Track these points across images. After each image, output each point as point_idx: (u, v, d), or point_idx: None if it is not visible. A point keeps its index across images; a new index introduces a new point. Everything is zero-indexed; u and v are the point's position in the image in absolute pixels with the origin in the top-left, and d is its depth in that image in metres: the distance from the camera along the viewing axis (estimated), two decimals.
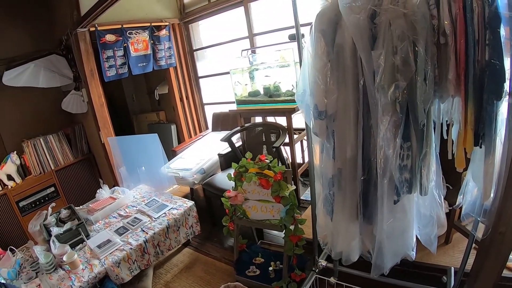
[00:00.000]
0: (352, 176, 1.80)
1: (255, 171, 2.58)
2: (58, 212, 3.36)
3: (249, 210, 2.73)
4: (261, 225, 2.75)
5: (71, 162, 4.77)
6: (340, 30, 1.59)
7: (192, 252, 3.47)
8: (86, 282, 2.54)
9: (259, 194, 2.64)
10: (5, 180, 4.30)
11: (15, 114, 4.67)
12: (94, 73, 4.09)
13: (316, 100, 1.73)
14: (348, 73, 1.62)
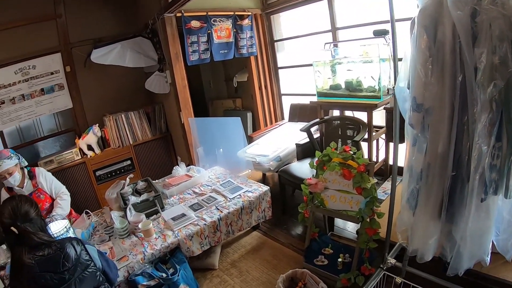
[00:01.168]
0: (440, 171, 1.85)
1: (339, 161, 2.66)
2: (135, 183, 3.64)
3: (327, 199, 2.82)
4: (337, 215, 2.82)
5: (148, 139, 5.12)
6: (441, 27, 1.65)
7: (260, 236, 3.62)
8: (158, 250, 2.76)
9: (339, 184, 2.72)
10: (85, 150, 4.72)
11: (99, 90, 5.09)
12: (179, 56, 4.33)
13: (415, 93, 1.80)
14: (447, 69, 1.68)
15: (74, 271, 1.91)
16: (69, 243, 1.98)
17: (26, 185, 3.46)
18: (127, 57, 4.58)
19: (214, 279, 3.11)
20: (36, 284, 1.82)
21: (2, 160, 3.25)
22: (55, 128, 5.30)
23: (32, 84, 4.76)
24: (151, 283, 2.61)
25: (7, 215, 1.93)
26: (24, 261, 1.83)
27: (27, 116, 4.83)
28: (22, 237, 1.90)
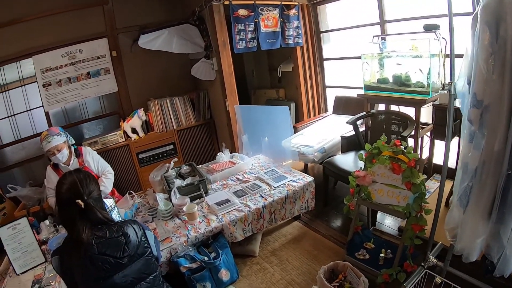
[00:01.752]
0: (495, 169, 1.88)
1: (389, 155, 2.68)
2: (179, 167, 3.78)
3: (374, 193, 2.85)
4: (384, 209, 2.84)
5: (192, 124, 5.27)
6: (503, 24, 1.68)
7: (301, 226, 3.70)
8: (202, 234, 2.87)
9: (387, 178, 2.74)
10: (129, 132, 4.91)
11: (143, 76, 5.29)
12: (226, 43, 4.41)
13: (476, 89, 1.83)
14: (508, 67, 1.70)
15: (133, 257, 1.93)
16: (131, 227, 1.97)
17: (73, 162, 3.67)
18: (174, 43, 4.71)
19: (254, 266, 3.21)
20: (92, 264, 1.81)
21: (52, 137, 3.45)
22: (100, 110, 5.49)
23: (78, 68, 4.98)
24: (193, 266, 2.72)
25: (74, 187, 1.86)
26: (82, 238, 1.80)
27: (73, 98, 5.05)
28: (86, 212, 1.84)
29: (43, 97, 4.99)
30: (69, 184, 1.88)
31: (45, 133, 3.52)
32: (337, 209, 3.92)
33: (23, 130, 5.28)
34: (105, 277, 1.84)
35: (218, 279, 2.83)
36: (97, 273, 1.83)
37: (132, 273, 1.92)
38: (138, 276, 1.96)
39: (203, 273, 2.73)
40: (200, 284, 2.74)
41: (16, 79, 5.04)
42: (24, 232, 2.97)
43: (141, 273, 1.97)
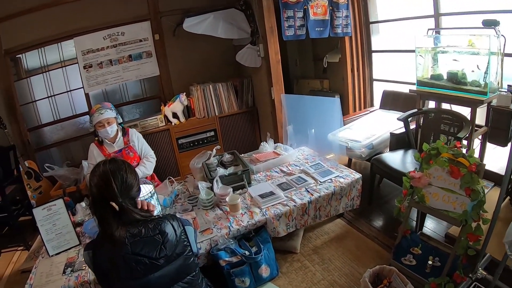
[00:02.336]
0: None
1: (448, 157, 2.56)
2: (221, 155, 3.73)
3: (428, 196, 2.72)
4: (437, 214, 2.71)
5: (234, 112, 5.23)
6: None
7: (344, 225, 3.60)
8: (244, 227, 2.81)
9: (444, 182, 2.60)
10: (170, 117, 4.91)
11: (186, 60, 5.28)
12: (274, 30, 4.32)
13: None
14: None
15: (171, 257, 1.82)
16: (169, 224, 1.86)
17: (118, 140, 3.78)
18: (220, 28, 4.66)
19: (294, 263, 3.14)
20: (126, 264, 1.73)
21: (105, 109, 3.56)
22: (140, 94, 5.54)
23: (120, 50, 5.02)
24: (233, 260, 2.67)
25: (107, 183, 1.76)
26: (115, 237, 1.73)
27: (113, 80, 5.11)
28: (120, 213, 1.77)
29: (84, 79, 5.05)
30: (101, 177, 1.79)
31: (97, 106, 3.62)
32: (381, 208, 3.81)
33: (62, 110, 5.38)
34: (139, 278, 1.77)
35: (257, 274, 2.78)
36: (130, 274, 1.75)
37: (169, 273, 1.84)
38: (176, 276, 1.88)
39: (243, 268, 2.68)
40: (239, 279, 2.69)
41: (57, 60, 5.14)
42: (59, 213, 2.98)
43: (179, 273, 1.89)
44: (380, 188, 4.22)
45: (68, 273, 2.64)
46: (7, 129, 4.84)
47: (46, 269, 2.79)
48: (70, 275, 2.61)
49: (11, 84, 5.02)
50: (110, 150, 3.75)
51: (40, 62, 5.14)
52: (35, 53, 5.07)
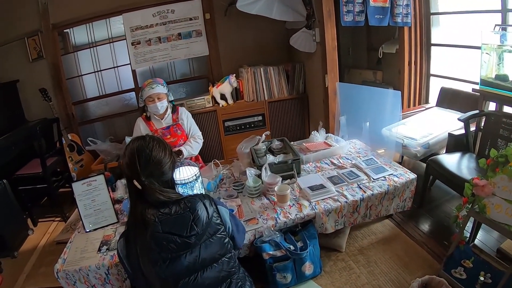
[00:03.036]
0: None
1: None
2: (269, 141, 3.60)
3: (490, 207, 2.51)
4: (498, 227, 2.51)
5: (284, 97, 5.09)
6: None
7: (393, 226, 3.42)
8: (292, 220, 2.67)
9: (510, 194, 2.39)
10: (217, 98, 4.85)
11: (236, 41, 5.18)
12: (332, 14, 4.13)
13: None
14: None
15: (202, 236, 1.76)
16: (201, 202, 1.80)
17: (167, 117, 3.74)
18: (275, 9, 4.48)
19: (338, 262, 3.00)
20: (157, 245, 1.68)
21: (157, 84, 3.52)
22: (188, 73, 5.51)
23: (169, 28, 4.99)
24: (277, 254, 2.56)
25: (131, 160, 1.72)
26: (146, 216, 1.69)
27: (161, 58, 5.10)
28: (143, 193, 1.71)
29: (131, 55, 5.06)
30: (128, 156, 1.75)
31: (149, 80, 3.59)
32: (431, 213, 3.60)
33: (108, 86, 5.43)
34: (172, 259, 1.71)
35: (300, 271, 2.66)
36: (163, 255, 1.70)
37: (202, 253, 1.77)
38: (210, 257, 1.80)
39: (286, 264, 2.58)
40: (281, 274, 2.59)
41: (104, 37, 5.19)
42: (99, 189, 2.95)
43: (213, 254, 1.81)
44: (430, 191, 3.99)
45: (103, 251, 2.61)
46: (52, 102, 4.88)
47: (81, 244, 2.78)
48: (105, 254, 2.58)
49: (58, 58, 5.10)
50: (158, 126, 3.72)
51: (88, 38, 5.19)
52: (83, 29, 5.12)
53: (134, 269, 1.78)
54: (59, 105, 5.23)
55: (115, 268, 2.48)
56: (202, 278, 1.77)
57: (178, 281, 1.74)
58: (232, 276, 1.90)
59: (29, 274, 3.66)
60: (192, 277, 1.76)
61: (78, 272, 2.52)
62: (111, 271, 2.50)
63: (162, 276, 1.71)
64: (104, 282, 2.55)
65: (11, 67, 5.11)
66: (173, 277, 1.72)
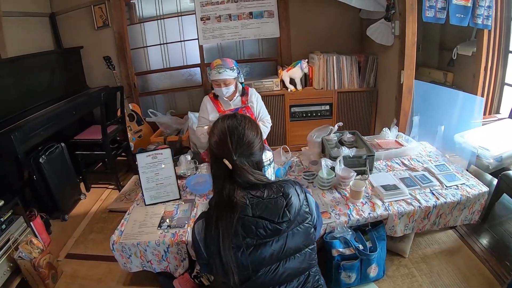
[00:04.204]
0: None
1: None
2: (341, 133, 3.49)
3: None
4: None
5: (353, 89, 4.94)
6: None
7: (456, 238, 3.28)
8: (364, 218, 2.58)
9: None
10: (286, 82, 4.77)
11: (309, 26, 5.07)
12: (414, 8, 3.96)
13: None
14: None
15: (292, 223, 1.68)
16: (293, 188, 1.71)
17: (235, 99, 3.58)
18: None
19: (401, 268, 2.90)
20: (244, 229, 1.61)
21: (225, 69, 3.30)
22: (257, 54, 5.45)
23: (241, 6, 4.93)
24: (346, 252, 2.49)
25: (223, 139, 1.67)
26: (235, 198, 1.60)
27: (230, 36, 5.06)
28: (233, 173, 1.64)
29: (200, 30, 5.05)
30: (218, 134, 1.70)
31: (218, 62, 3.39)
32: (495, 230, 3.40)
33: (173, 59, 5.48)
34: (257, 245, 1.63)
35: (365, 272, 2.58)
36: (248, 240, 1.62)
37: (288, 242, 1.68)
38: (295, 246, 1.72)
39: (354, 263, 2.50)
40: (346, 273, 2.52)
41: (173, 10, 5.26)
42: (164, 163, 2.94)
43: (298, 243, 1.73)
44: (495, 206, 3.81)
45: (164, 228, 2.61)
46: (116, 70, 4.93)
47: (140, 218, 2.79)
48: (166, 231, 2.58)
49: (124, 28, 5.19)
50: (226, 107, 3.60)
51: (156, 11, 5.27)
52: (151, 1, 5.20)
53: (210, 254, 1.69)
54: (122, 74, 5.33)
55: (175, 246, 2.49)
56: (283, 268, 1.70)
57: (259, 269, 1.66)
58: (311, 268, 1.83)
59: (78, 239, 3.75)
60: (274, 266, 1.68)
61: (136, 247, 2.54)
62: (171, 249, 2.50)
63: (244, 263, 1.62)
64: (161, 260, 2.57)
65: (76, 33, 5.25)
66: (254, 264, 1.65)
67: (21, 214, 3.21)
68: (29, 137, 3.67)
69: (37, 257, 2.89)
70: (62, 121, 4.22)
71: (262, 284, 1.68)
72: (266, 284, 1.69)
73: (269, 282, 1.68)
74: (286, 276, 1.72)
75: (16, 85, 4.08)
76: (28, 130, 3.66)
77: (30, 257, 2.86)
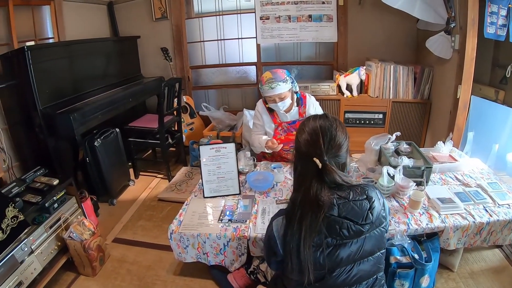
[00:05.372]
0: None
1: None
2: (398, 142, 3.49)
3: None
4: None
5: (407, 100, 4.88)
6: None
7: (502, 258, 3.26)
8: (421, 229, 2.60)
9: None
10: (343, 88, 4.78)
11: (367, 33, 5.09)
12: (475, 23, 3.94)
13: None
14: None
15: (373, 226, 1.71)
16: (375, 192, 1.75)
17: (293, 111, 3.42)
18: (417, 7, 4.32)
19: (450, 282, 2.93)
20: (328, 228, 1.63)
21: (277, 83, 3.10)
22: (314, 57, 5.46)
23: (300, 8, 4.97)
24: (403, 260, 2.53)
25: (314, 138, 1.71)
26: (322, 197, 1.63)
27: (288, 37, 5.11)
28: (322, 173, 1.67)
29: (258, 29, 5.13)
30: (310, 133, 1.74)
31: (268, 75, 3.17)
32: None
33: (229, 56, 5.58)
34: (337, 245, 1.67)
35: (418, 282, 2.61)
36: (329, 240, 1.65)
37: (365, 244, 1.72)
38: (370, 249, 1.75)
39: (409, 272, 2.53)
40: (400, 281, 2.55)
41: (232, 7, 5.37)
42: (227, 158, 3.01)
43: (373, 246, 1.76)
44: None
45: (225, 222, 2.67)
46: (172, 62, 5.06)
47: (199, 210, 2.86)
48: (227, 225, 2.64)
49: (182, 21, 5.37)
50: (283, 119, 3.44)
51: (215, 7, 5.42)
52: None
53: (287, 251, 1.73)
54: (177, 66, 5.46)
55: (236, 241, 2.54)
56: (356, 270, 1.73)
57: (334, 269, 1.70)
58: (378, 272, 1.85)
59: (126, 225, 3.87)
60: (348, 267, 1.71)
61: (195, 238, 2.61)
62: (231, 243, 2.56)
63: (321, 262, 1.66)
64: (218, 253, 2.62)
65: (132, 23, 5.48)
66: (331, 264, 1.68)
67: (73, 195, 3.35)
68: (87, 119, 3.86)
69: (88, 239, 2.99)
70: (119, 107, 4.40)
71: (334, 284, 1.72)
72: (338, 285, 1.72)
73: (341, 283, 1.72)
74: (358, 278, 1.75)
75: (74, 68, 4.26)
76: (87, 113, 3.86)
77: (80, 238, 2.97)
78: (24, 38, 4.09)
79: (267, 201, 2.93)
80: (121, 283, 3.05)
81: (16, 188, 2.98)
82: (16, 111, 3.78)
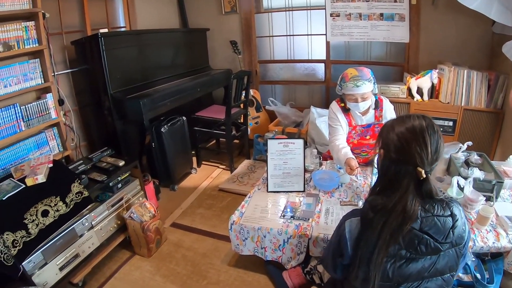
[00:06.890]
0: None
1: None
2: (468, 153, 3.33)
3: None
4: None
5: (480, 108, 4.63)
6: None
7: None
8: (488, 247, 2.42)
9: None
10: (413, 91, 4.61)
11: (439, 35, 4.91)
12: None
13: None
14: None
15: (451, 245, 1.58)
16: (459, 210, 1.61)
17: (369, 115, 3.21)
18: (494, 9, 4.14)
19: None
20: (406, 241, 1.53)
21: (363, 81, 2.90)
22: (384, 57, 5.35)
23: (372, 6, 4.87)
24: (464, 278, 2.44)
25: (421, 147, 1.52)
26: (411, 208, 1.50)
27: (359, 36, 5.03)
28: (421, 184, 1.55)
29: (328, 26, 5.08)
30: (411, 132, 1.56)
31: (354, 72, 2.95)
32: None
33: (297, 52, 5.59)
34: (409, 259, 1.56)
35: None
36: (403, 252, 1.55)
37: (438, 263, 1.59)
38: (442, 268, 1.61)
39: None
40: None
41: (302, 4, 5.35)
42: (295, 154, 3.02)
43: (445, 266, 1.62)
44: None
45: (288, 218, 2.67)
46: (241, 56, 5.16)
47: (262, 203, 2.89)
48: (289, 221, 2.64)
49: (251, 15, 5.46)
50: (358, 121, 3.23)
51: (285, 2, 5.42)
52: None
53: (355, 255, 1.64)
54: (245, 60, 5.54)
55: (297, 238, 2.52)
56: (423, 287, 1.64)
57: (401, 283, 1.60)
58: None
59: (186, 211, 3.99)
60: (415, 284, 1.61)
61: (256, 231, 2.63)
62: (291, 240, 2.54)
63: (389, 274, 1.57)
64: (277, 249, 2.62)
65: (202, 15, 5.67)
66: (400, 278, 1.58)
67: (137, 177, 3.53)
68: (156, 106, 4.02)
69: (148, 220, 3.13)
70: (187, 96, 4.55)
71: None
72: None
73: None
74: None
75: (143, 56, 4.45)
76: (156, 100, 4.02)
77: (141, 219, 3.10)
78: (97, 26, 4.34)
79: (331, 201, 2.87)
80: (175, 267, 3.15)
81: (83, 166, 3.19)
82: (87, 94, 4.05)
